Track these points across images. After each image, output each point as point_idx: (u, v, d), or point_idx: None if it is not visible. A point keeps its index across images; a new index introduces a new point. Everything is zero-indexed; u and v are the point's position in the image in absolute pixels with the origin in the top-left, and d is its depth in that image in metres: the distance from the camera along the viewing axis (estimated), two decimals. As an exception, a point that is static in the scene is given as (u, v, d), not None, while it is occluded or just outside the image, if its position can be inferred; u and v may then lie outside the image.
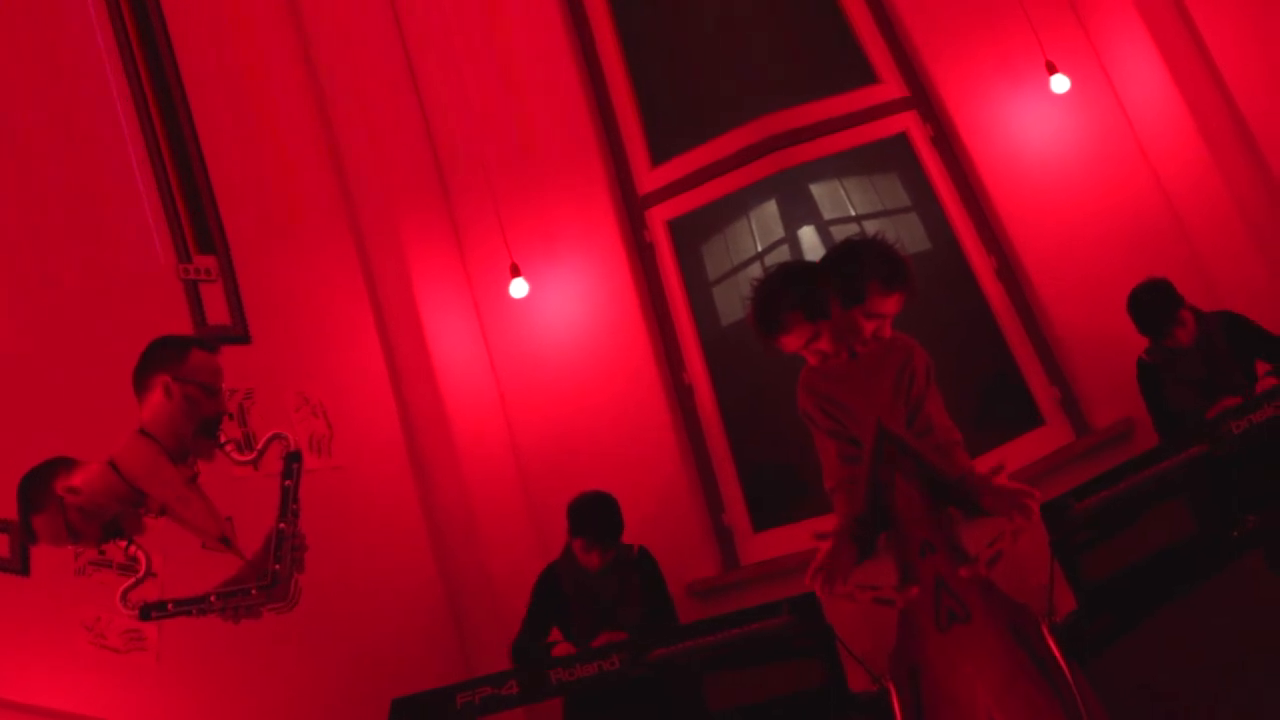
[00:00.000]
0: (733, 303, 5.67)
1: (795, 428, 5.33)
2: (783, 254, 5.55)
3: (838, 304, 3.62)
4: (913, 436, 3.54)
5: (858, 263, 3.64)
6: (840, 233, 5.46)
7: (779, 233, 5.61)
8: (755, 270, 5.61)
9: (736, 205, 5.72)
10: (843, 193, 5.66)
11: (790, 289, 3.65)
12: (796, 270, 3.89)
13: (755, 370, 5.53)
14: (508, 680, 3.98)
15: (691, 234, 5.79)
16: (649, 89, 5.96)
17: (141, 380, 3.35)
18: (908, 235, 5.55)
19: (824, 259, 3.88)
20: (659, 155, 5.86)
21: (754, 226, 5.73)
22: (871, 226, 5.45)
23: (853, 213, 5.60)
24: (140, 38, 5.28)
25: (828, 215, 5.57)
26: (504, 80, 5.98)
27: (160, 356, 3.35)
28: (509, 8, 6.01)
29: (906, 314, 5.06)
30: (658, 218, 5.82)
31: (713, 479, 5.53)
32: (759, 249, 5.67)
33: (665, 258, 5.77)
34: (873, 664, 3.89)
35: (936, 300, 5.36)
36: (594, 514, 4.53)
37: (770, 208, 5.67)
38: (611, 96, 5.99)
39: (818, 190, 5.64)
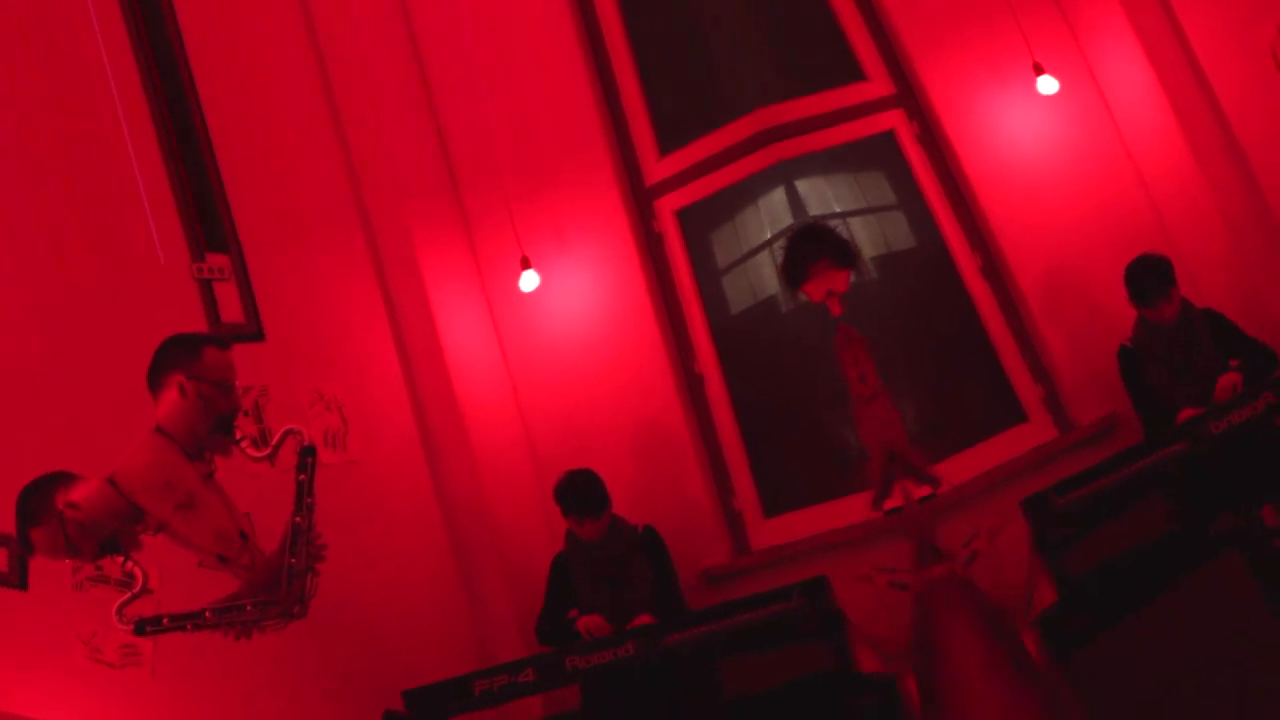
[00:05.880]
0: (743, 291, 5.73)
1: (805, 415, 5.51)
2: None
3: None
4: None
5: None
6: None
7: (788, 220, 5.61)
8: (765, 258, 5.67)
9: (745, 194, 5.76)
10: (828, 190, 5.71)
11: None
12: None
13: (765, 358, 5.63)
14: (524, 668, 4.11)
15: (700, 223, 5.83)
16: (656, 79, 6.00)
17: (156, 379, 3.28)
18: (893, 233, 5.64)
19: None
20: (667, 145, 5.89)
21: (763, 214, 5.76)
22: (857, 223, 5.57)
23: (837, 209, 5.63)
24: (151, 39, 5.26)
25: (813, 212, 5.59)
26: (512, 74, 6.02)
27: (173, 355, 3.27)
28: (519, 13, 6.05)
29: (894, 309, 5.27)
30: (666, 207, 5.86)
31: (723, 466, 5.58)
32: (769, 236, 5.70)
33: (674, 247, 5.82)
34: (886, 647, 4.05)
35: (922, 297, 5.52)
36: (574, 489, 4.76)
37: (779, 195, 5.69)
38: (619, 87, 6.02)
39: (803, 187, 5.68)
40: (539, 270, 5.65)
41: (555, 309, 5.79)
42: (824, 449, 5.50)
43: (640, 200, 5.91)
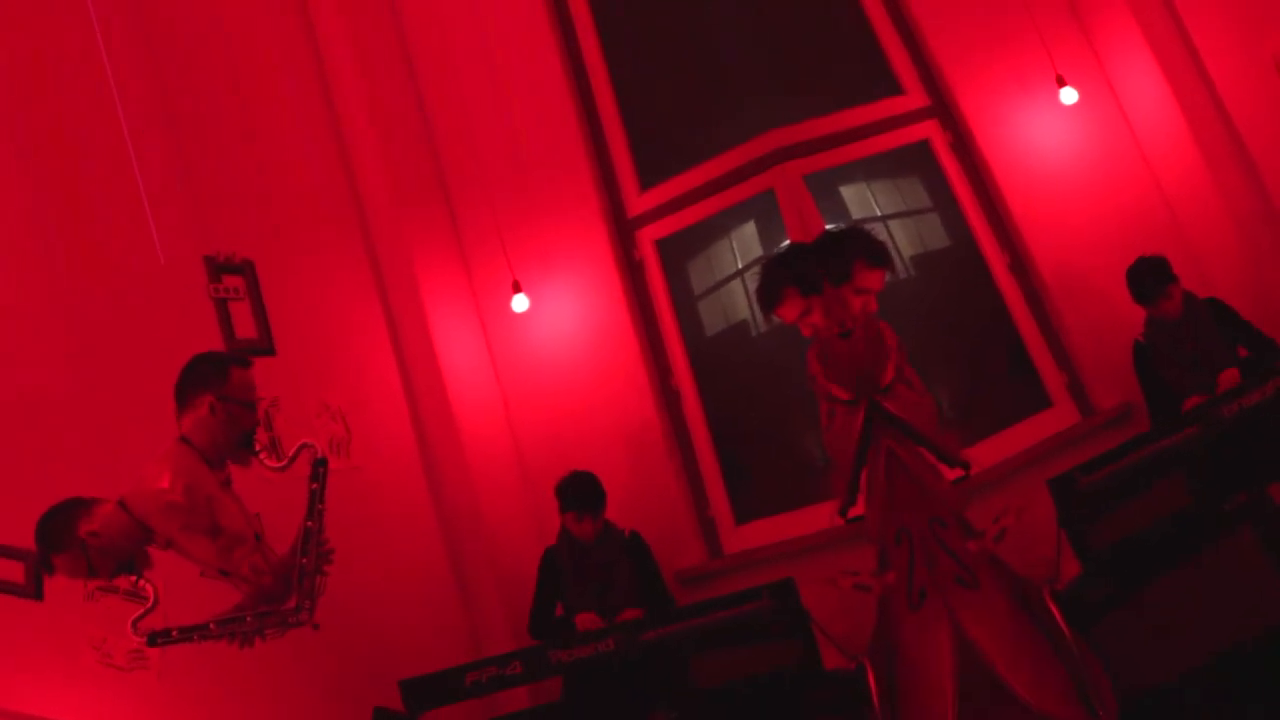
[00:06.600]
0: (716, 315, 5.88)
1: (773, 429, 5.68)
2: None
3: (828, 282, 3.91)
4: (897, 405, 3.83)
5: (843, 245, 3.96)
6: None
7: (758, 251, 5.80)
8: (736, 286, 5.82)
9: (719, 227, 5.91)
10: (869, 194, 5.80)
11: (787, 268, 4.02)
12: (794, 252, 4.23)
13: (737, 376, 5.79)
14: (512, 661, 4.21)
15: (678, 252, 6.00)
16: (639, 120, 6.15)
17: (185, 396, 3.36)
18: (929, 233, 5.75)
19: (813, 244, 4.17)
20: (647, 181, 6.07)
21: (734, 246, 5.91)
22: (896, 226, 5.70)
23: (879, 213, 5.73)
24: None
25: (856, 215, 5.69)
26: (506, 115, 6.19)
27: (203, 375, 3.36)
28: (513, 58, 6.23)
29: (929, 304, 5.36)
30: (646, 238, 6.02)
31: (698, 476, 5.74)
32: (740, 266, 5.86)
33: (654, 274, 5.98)
34: (849, 645, 4.07)
35: (955, 293, 5.65)
36: (577, 487, 4.88)
37: (749, 228, 5.84)
38: (604, 127, 6.18)
39: (847, 192, 5.76)
40: (529, 293, 5.85)
41: (544, 329, 5.97)
42: (792, 461, 5.61)
43: (622, 230, 6.07)
